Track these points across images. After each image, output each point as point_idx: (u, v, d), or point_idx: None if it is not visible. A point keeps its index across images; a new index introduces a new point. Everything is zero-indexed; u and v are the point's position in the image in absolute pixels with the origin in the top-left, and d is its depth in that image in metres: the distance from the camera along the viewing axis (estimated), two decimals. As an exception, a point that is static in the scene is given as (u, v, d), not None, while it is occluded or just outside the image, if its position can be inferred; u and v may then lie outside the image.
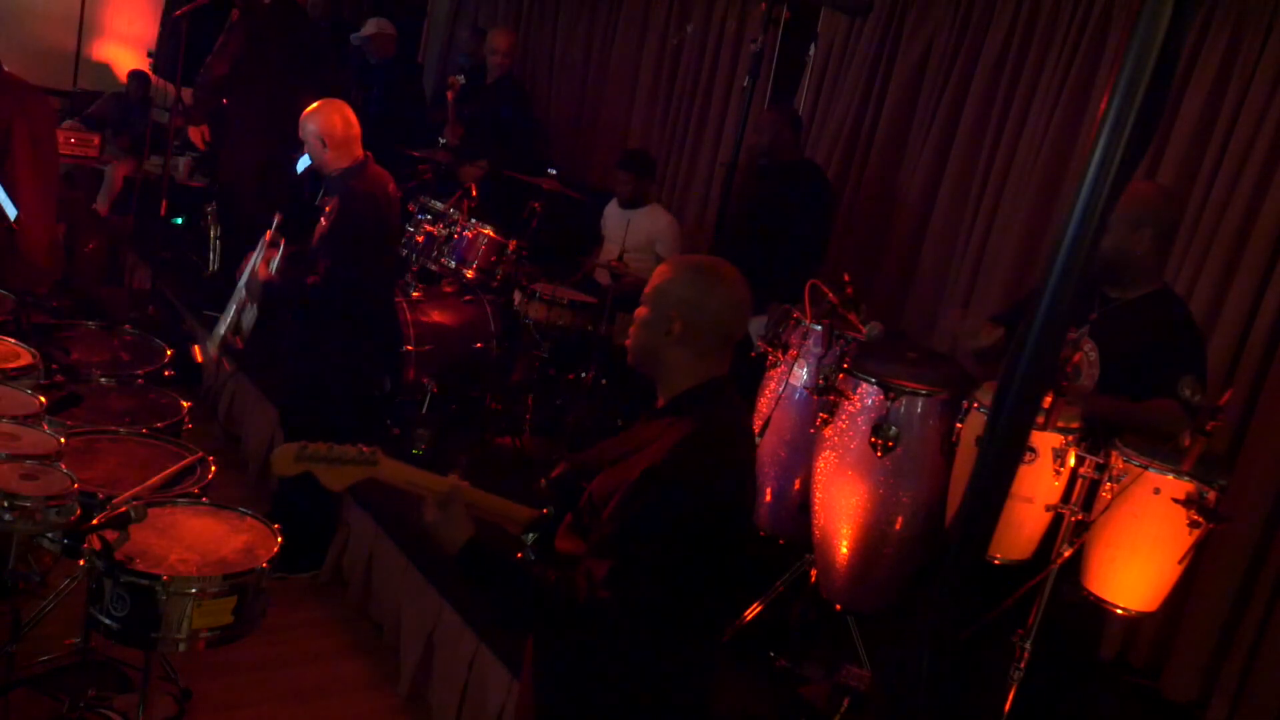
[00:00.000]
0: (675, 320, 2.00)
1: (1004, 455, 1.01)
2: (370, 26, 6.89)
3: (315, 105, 4.02)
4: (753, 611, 3.55)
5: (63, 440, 2.83)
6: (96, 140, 7.05)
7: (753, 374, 3.70)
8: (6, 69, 4.56)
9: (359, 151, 4.01)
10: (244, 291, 4.04)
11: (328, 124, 3.94)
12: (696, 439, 1.93)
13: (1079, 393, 2.88)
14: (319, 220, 4.04)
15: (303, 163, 4.13)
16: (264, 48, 5.82)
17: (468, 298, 5.05)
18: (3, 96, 4.43)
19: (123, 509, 2.41)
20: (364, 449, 2.06)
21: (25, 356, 3.35)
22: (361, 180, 3.97)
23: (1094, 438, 2.80)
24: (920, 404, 3.22)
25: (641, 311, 2.07)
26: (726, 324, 2.04)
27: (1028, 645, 2.86)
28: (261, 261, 3.93)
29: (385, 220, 4.07)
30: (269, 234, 3.96)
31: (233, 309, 4.09)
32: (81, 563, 2.55)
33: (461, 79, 6.33)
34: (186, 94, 6.22)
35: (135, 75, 7.97)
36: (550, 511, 2.11)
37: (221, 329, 4.14)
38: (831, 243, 5.05)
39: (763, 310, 3.84)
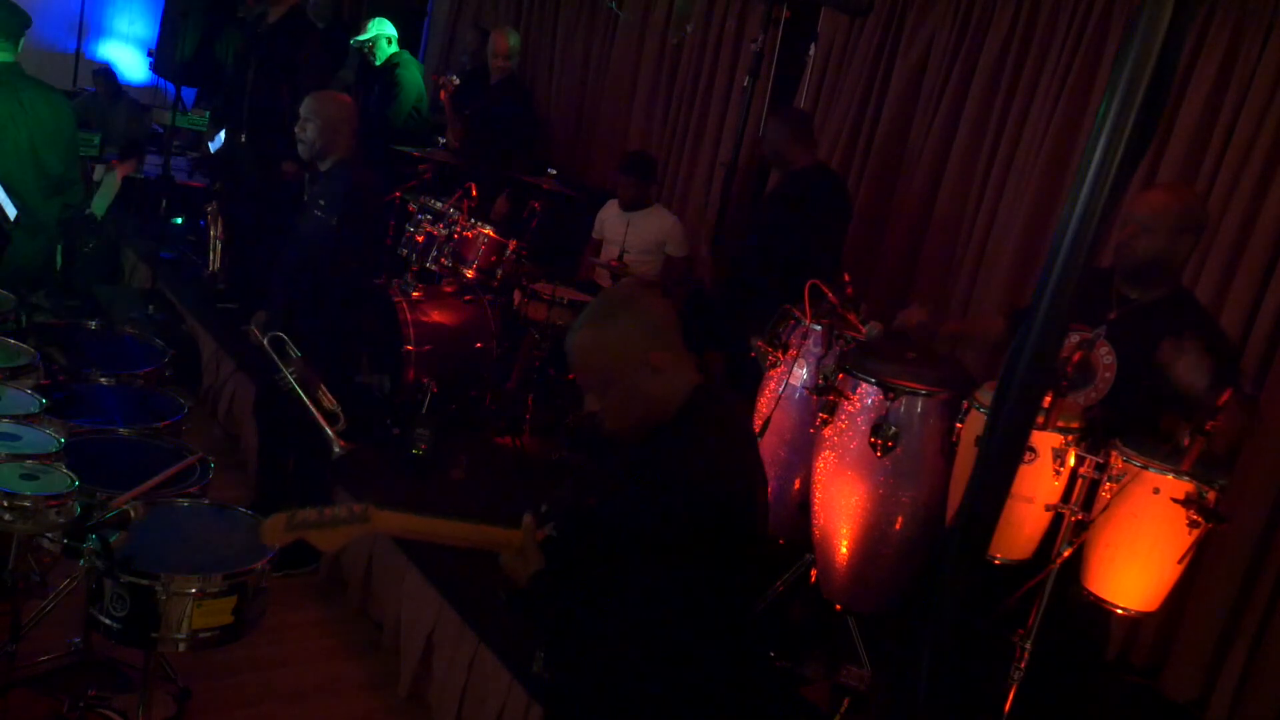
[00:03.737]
0: (621, 379, 1.97)
1: (1004, 455, 1.01)
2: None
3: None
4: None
5: (62, 440, 2.83)
6: (97, 140, 7.04)
7: (752, 374, 3.70)
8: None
9: None
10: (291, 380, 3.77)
11: None
12: (695, 444, 1.94)
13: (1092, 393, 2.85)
14: None
15: None
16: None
17: (468, 298, 5.04)
18: (10, 95, 4.42)
19: (123, 509, 2.42)
20: (354, 508, 2.00)
21: (25, 356, 3.35)
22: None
23: (1094, 437, 2.80)
24: (920, 404, 3.22)
25: (601, 397, 2.02)
26: (656, 334, 2.01)
27: (1028, 645, 2.85)
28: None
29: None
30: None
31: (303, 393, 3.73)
32: (81, 563, 2.55)
33: (455, 79, 6.30)
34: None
35: (101, 71, 7.80)
36: (551, 533, 2.10)
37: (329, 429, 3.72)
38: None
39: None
